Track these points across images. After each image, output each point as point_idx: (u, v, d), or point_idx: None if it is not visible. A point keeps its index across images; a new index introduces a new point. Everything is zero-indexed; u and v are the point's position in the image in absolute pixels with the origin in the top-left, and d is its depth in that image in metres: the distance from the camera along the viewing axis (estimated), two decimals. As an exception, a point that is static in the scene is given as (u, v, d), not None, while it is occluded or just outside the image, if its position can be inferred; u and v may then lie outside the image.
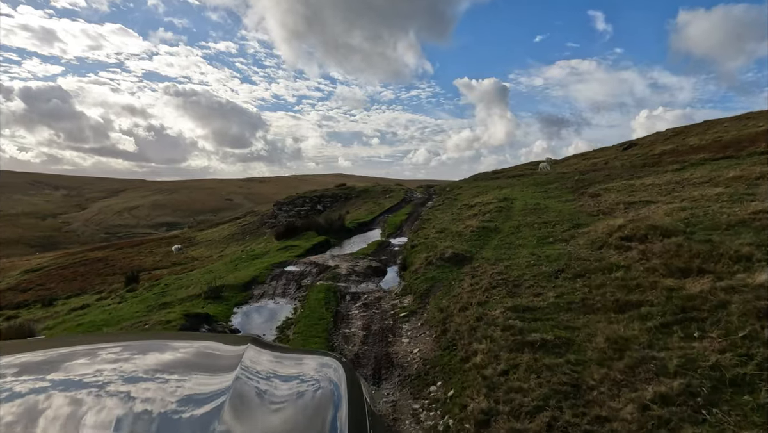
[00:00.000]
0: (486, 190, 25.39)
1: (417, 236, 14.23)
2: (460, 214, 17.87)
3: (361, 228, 20.94)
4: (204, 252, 32.97)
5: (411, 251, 11.19)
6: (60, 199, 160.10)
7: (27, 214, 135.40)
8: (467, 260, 8.78)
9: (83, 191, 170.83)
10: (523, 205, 16.80)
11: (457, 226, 13.81)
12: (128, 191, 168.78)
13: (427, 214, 22.83)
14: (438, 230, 13.70)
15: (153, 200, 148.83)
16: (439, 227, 14.55)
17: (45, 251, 74.90)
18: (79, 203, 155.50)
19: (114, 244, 42.36)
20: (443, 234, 12.86)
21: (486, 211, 16.04)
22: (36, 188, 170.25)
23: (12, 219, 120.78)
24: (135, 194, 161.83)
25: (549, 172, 28.09)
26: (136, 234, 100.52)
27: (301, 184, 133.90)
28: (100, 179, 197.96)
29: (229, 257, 15.58)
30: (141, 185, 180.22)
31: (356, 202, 33.67)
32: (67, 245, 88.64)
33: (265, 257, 13.58)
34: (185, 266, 26.71)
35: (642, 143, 31.13)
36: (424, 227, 16.92)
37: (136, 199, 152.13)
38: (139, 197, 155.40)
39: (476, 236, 11.39)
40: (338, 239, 17.42)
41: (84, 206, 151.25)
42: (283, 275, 10.05)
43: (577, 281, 5.96)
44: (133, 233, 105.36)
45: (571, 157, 37.76)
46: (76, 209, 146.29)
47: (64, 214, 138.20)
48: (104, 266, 29.59)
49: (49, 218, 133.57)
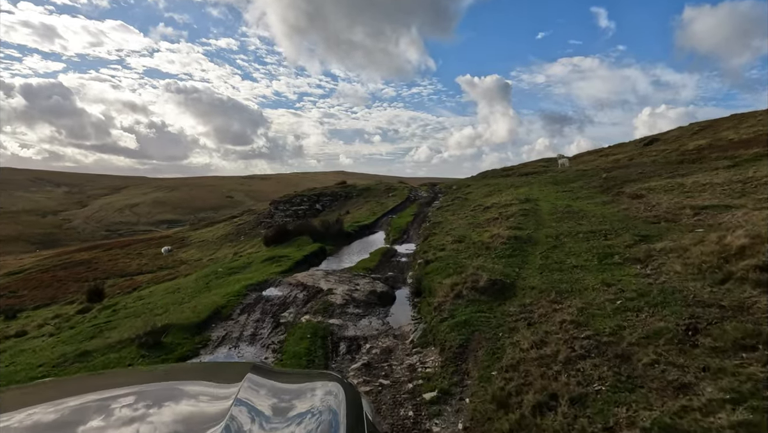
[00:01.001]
0: (499, 189, 22.79)
1: (429, 246, 11.66)
2: (477, 217, 15.29)
3: (363, 232, 18.36)
4: (194, 254, 30.44)
5: (426, 270, 8.59)
6: (61, 197, 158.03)
7: (28, 211, 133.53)
8: (509, 289, 6.21)
9: (85, 188, 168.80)
10: (551, 207, 14.23)
11: (480, 234, 11.23)
12: (129, 188, 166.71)
13: (436, 215, 20.25)
14: (455, 238, 11.11)
15: (154, 198, 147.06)
16: (455, 234, 11.96)
17: (45, 249, 72.97)
18: (80, 200, 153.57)
19: (104, 244, 39.86)
20: (463, 245, 10.27)
21: (509, 214, 13.45)
22: (37, 185, 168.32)
23: (13, 216, 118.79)
24: (136, 191, 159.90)
25: (566, 170, 25.52)
26: (137, 231, 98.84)
27: (303, 182, 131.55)
28: (101, 176, 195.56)
29: (204, 271, 13.03)
30: (142, 182, 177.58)
31: (357, 202, 31.09)
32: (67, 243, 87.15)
33: (245, 271, 11.03)
34: (171, 270, 24.20)
35: (665, 138, 28.50)
36: (435, 232, 14.36)
37: (137, 197, 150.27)
38: (140, 195, 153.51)
39: (509, 249, 8.79)
40: (336, 246, 14.84)
41: (85, 203, 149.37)
42: (259, 304, 7.45)
43: (740, 355, 3.38)
44: (134, 231, 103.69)
45: (584, 153, 35.15)
46: (77, 206, 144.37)
47: (65, 212, 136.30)
48: (86, 270, 27.05)
49: (50, 215, 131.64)
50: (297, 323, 6.47)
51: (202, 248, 32.49)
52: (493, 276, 6.47)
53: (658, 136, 30.07)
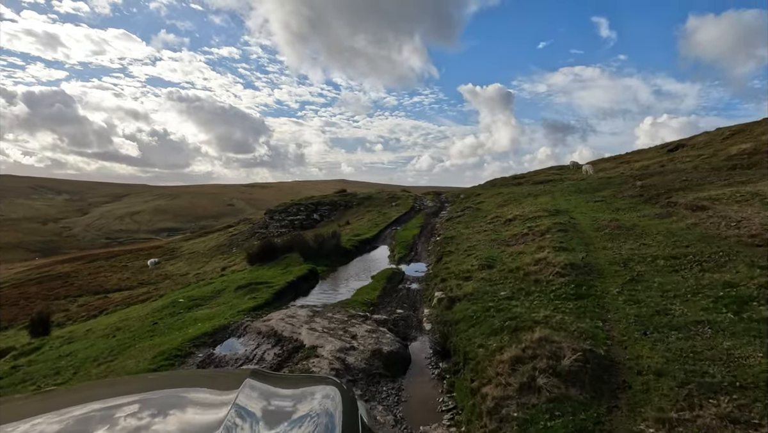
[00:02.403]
0: (515, 199, 20.20)
1: (447, 270, 9.04)
2: (499, 231, 12.68)
3: (363, 247, 15.73)
4: (181, 268, 27.79)
5: (454, 315, 5.94)
6: (62, 204, 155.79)
7: (29, 218, 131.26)
8: (613, 372, 3.61)
9: (86, 196, 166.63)
10: (590, 221, 11.63)
11: (514, 256, 8.59)
12: (131, 196, 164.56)
13: (447, 228, 17.64)
14: (483, 262, 8.47)
15: (155, 205, 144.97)
16: (480, 255, 9.31)
17: (44, 256, 70.65)
18: (81, 208, 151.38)
19: (90, 255, 37.33)
20: (497, 272, 7.64)
21: (541, 229, 10.82)
22: (39, 193, 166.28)
23: (13, 223, 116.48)
24: (137, 199, 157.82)
25: (587, 177, 22.97)
26: (137, 239, 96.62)
27: (303, 190, 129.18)
28: (103, 184, 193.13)
29: (164, 301, 10.39)
30: (143, 190, 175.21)
31: (358, 211, 28.49)
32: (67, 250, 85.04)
33: (211, 303, 8.41)
34: (150, 288, 21.57)
35: (692, 144, 25.93)
36: (450, 249, 11.75)
37: (138, 205, 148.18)
38: (141, 202, 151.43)
39: (571, 284, 6.14)
40: (331, 267, 12.21)
41: (86, 211, 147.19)
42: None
43: None
44: (134, 239, 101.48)
45: (600, 160, 32.59)
46: (78, 214, 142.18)
47: (66, 219, 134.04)
48: (61, 285, 24.40)
49: (51, 222, 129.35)
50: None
51: (191, 260, 29.86)
52: (578, 344, 3.83)
53: (683, 141, 27.51)
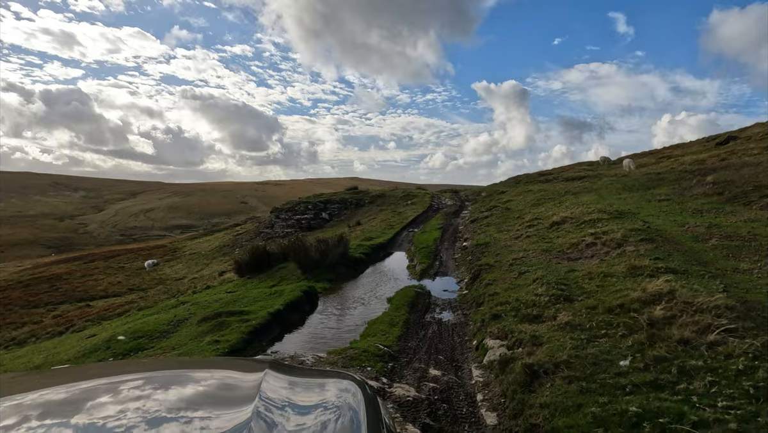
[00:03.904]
0: (551, 198, 17.31)
1: (496, 299, 6.29)
2: (550, 239, 9.82)
3: (376, 254, 13.01)
4: (179, 270, 25.38)
5: (548, 415, 3.24)
6: (78, 201, 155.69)
7: (46, 215, 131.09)
8: None
9: (102, 193, 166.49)
10: (675, 226, 8.76)
11: (598, 282, 5.74)
12: (145, 193, 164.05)
13: (475, 231, 14.85)
14: (554, 291, 5.73)
15: (169, 203, 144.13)
16: (544, 278, 6.51)
17: (60, 253, 69.56)
18: (97, 205, 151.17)
19: (88, 254, 35.24)
20: (582, 310, 4.87)
21: (615, 238, 7.98)
22: (56, 190, 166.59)
23: (31, 220, 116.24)
24: (152, 196, 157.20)
25: (629, 173, 20.03)
26: (151, 236, 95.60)
27: (316, 188, 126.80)
28: (119, 181, 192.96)
29: (98, 339, 7.72)
30: (158, 188, 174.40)
31: (370, 210, 25.79)
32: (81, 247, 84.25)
33: (158, 345, 5.81)
34: (141, 293, 19.15)
35: (746, 136, 22.76)
36: (488, 261, 8.97)
37: (153, 202, 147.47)
38: (156, 199, 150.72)
39: (750, 358, 3.45)
40: (335, 282, 9.53)
41: (101, 208, 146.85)
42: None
43: None
44: (148, 235, 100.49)
45: (637, 155, 29.47)
46: (94, 211, 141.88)
47: (82, 216, 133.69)
48: (47, 289, 22.15)
49: (67, 219, 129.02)
50: None
51: (191, 262, 27.46)
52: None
53: (733, 134, 24.34)
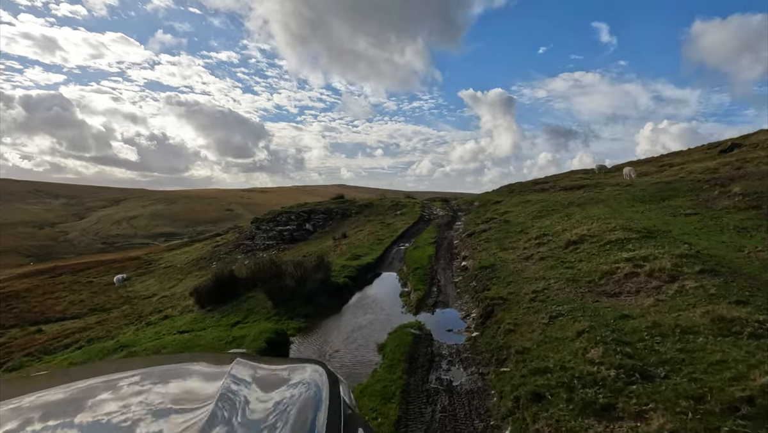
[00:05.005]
0: (555, 209, 15.69)
1: (528, 362, 4.49)
2: (570, 262, 8.06)
3: (363, 276, 11.20)
4: (150, 286, 23.22)
5: None
6: (59, 208, 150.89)
7: (25, 222, 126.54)
8: None
9: (84, 200, 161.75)
10: (728, 251, 7.20)
11: (675, 343, 4.07)
12: (129, 201, 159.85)
13: (474, 247, 13.10)
14: (619, 360, 4.02)
15: (153, 210, 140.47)
16: (597, 334, 4.81)
17: (39, 262, 66.52)
18: (78, 212, 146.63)
19: (55, 267, 32.74)
20: (670, 394, 3.27)
21: (664, 268, 6.26)
22: (36, 197, 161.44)
23: (10, 228, 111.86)
24: (135, 204, 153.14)
25: (633, 182, 18.59)
26: (134, 244, 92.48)
27: (302, 195, 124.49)
28: (101, 188, 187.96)
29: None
30: (142, 195, 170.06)
31: (357, 221, 23.97)
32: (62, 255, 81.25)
33: None
34: (104, 315, 17.02)
35: (752, 143, 21.55)
36: (500, 293, 7.21)
37: (136, 209, 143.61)
38: (139, 207, 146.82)
39: None
40: (312, 317, 7.70)
41: (83, 215, 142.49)
42: None
43: None
44: (131, 243, 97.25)
45: (635, 163, 28.19)
46: (75, 219, 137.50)
47: (63, 224, 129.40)
48: (2, 309, 19.84)
49: (47, 227, 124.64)
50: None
51: (165, 276, 25.28)
52: None
53: (736, 141, 23.13)
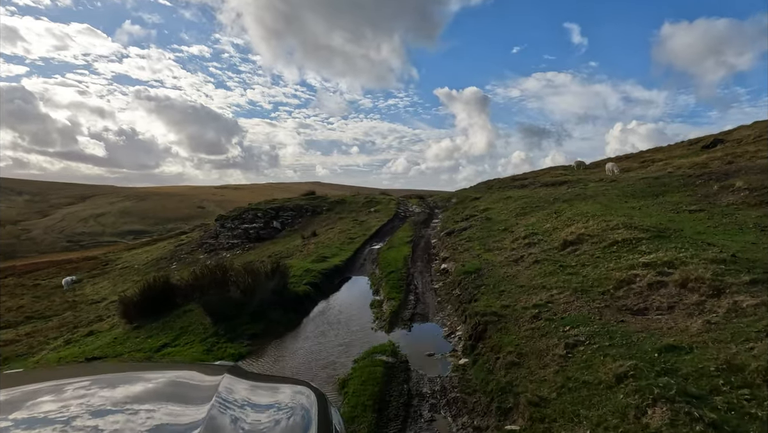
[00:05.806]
0: (539, 206, 14.43)
1: (539, 410, 3.16)
2: (572, 267, 6.60)
3: (330, 281, 9.63)
4: (101, 290, 21.06)
5: None
6: (22, 205, 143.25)
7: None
8: None
9: (48, 197, 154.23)
10: (745, 248, 6.00)
11: (731, 393, 2.85)
12: (96, 197, 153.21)
13: (454, 248, 11.64)
14: (700, 425, 2.68)
15: (121, 207, 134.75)
16: (641, 375, 3.46)
17: (0, 261, 62.44)
18: (42, 210, 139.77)
19: (2, 270, 30.08)
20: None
21: (701, 278, 4.79)
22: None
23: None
24: (103, 201, 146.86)
25: (615, 178, 17.58)
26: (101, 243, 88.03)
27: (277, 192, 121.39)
28: (67, 185, 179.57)
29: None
30: (110, 191, 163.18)
31: (328, 219, 22.32)
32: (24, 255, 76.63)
33: None
34: (41, 324, 14.96)
35: (735, 139, 20.87)
36: (492, 308, 5.66)
37: (104, 206, 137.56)
38: (107, 204, 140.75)
39: None
40: (259, 338, 6.08)
41: (46, 213, 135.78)
42: None
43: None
44: (98, 242, 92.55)
45: (616, 159, 27.39)
46: (38, 216, 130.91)
47: (25, 221, 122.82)
48: (-75, 319, 17.46)
49: (9, 225, 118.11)
50: None
51: (120, 278, 23.10)
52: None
53: (718, 137, 22.49)
